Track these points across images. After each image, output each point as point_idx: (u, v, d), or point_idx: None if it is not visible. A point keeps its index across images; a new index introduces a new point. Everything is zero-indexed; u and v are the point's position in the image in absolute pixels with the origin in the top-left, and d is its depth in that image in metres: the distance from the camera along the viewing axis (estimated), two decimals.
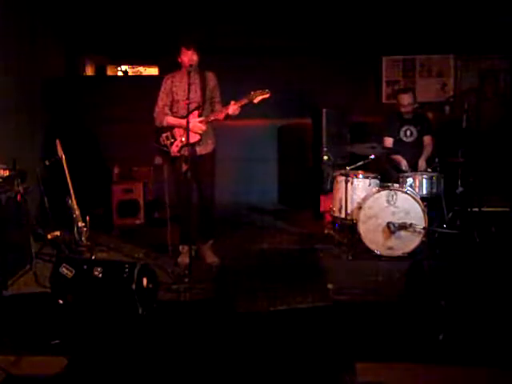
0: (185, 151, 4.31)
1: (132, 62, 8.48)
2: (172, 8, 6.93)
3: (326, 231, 5.47)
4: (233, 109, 4.37)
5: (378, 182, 5.09)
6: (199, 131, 4.45)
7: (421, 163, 5.39)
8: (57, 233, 4.82)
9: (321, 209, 6.16)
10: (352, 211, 5.01)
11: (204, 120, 4.47)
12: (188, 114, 4.24)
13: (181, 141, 4.48)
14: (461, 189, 5.41)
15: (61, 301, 3.59)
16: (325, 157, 6.23)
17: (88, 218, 4.90)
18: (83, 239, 4.83)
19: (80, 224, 4.82)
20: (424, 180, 5.07)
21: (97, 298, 3.57)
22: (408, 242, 4.82)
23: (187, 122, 4.18)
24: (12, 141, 5.53)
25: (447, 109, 6.97)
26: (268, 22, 6.94)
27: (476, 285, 3.98)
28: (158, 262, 4.67)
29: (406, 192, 4.87)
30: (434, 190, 5.08)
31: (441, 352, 3.02)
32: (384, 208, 4.86)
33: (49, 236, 4.81)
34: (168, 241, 4.87)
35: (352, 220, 4.98)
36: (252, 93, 4.36)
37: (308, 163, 6.91)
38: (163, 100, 4.62)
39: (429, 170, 5.24)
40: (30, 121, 6.15)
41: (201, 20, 6.86)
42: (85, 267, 3.61)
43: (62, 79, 7.18)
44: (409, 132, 5.55)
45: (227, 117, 4.51)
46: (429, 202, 5.06)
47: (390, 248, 4.84)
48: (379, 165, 5.56)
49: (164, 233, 5.00)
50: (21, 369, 2.88)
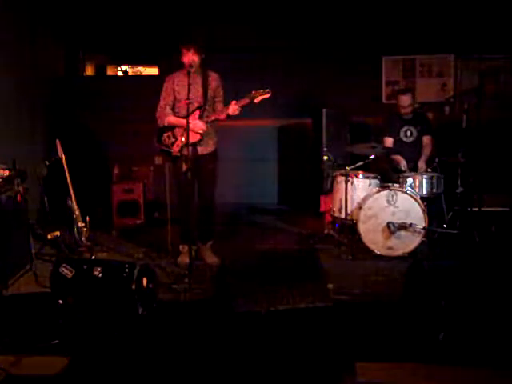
0: (185, 151, 4.30)
1: (132, 62, 8.47)
2: (172, 8, 6.93)
3: (326, 231, 5.47)
4: (233, 109, 4.37)
5: (378, 182, 5.10)
6: (199, 131, 4.44)
7: (420, 165, 5.38)
8: (57, 233, 4.82)
9: (321, 209, 6.16)
10: (352, 211, 5.01)
11: (204, 120, 4.47)
12: (189, 115, 4.23)
13: (181, 140, 4.48)
14: (461, 189, 5.41)
15: (61, 301, 3.59)
16: (325, 157, 6.23)
17: (88, 218, 4.91)
18: (83, 239, 4.83)
19: (80, 224, 4.83)
20: (424, 180, 5.08)
21: (97, 298, 3.56)
22: (408, 242, 4.82)
23: (187, 122, 4.18)
24: (12, 141, 5.53)
25: (447, 109, 6.96)
26: (268, 22, 6.94)
27: (476, 285, 3.98)
28: (158, 262, 4.68)
29: (406, 192, 4.87)
30: (434, 190, 5.09)
31: (441, 352, 3.02)
32: (384, 208, 4.87)
33: (49, 236, 4.81)
34: (168, 241, 4.87)
35: (352, 220, 4.99)
36: (253, 92, 4.35)
37: (308, 163, 6.92)
38: (165, 99, 4.61)
39: (429, 170, 5.25)
40: (30, 121, 6.15)
41: (201, 20, 6.86)
42: (85, 267, 3.61)
43: (62, 79, 7.18)
44: (409, 132, 5.55)
45: (228, 117, 4.51)
46: (429, 202, 5.06)
47: (390, 248, 4.84)
48: (379, 165, 5.57)
49: (164, 233, 5.00)
50: (21, 369, 2.88)
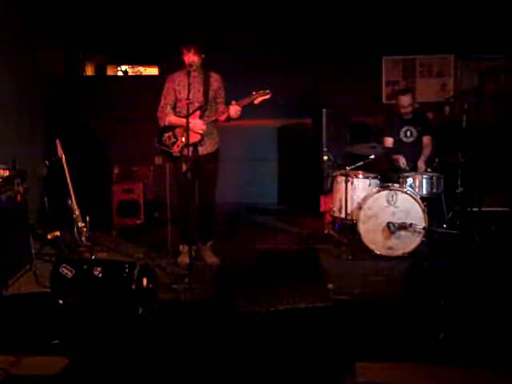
0: (186, 151, 4.29)
1: (132, 62, 8.47)
2: (172, 8, 6.93)
3: (326, 231, 5.47)
4: (235, 109, 4.36)
5: (378, 182, 5.09)
6: (200, 131, 4.44)
7: (420, 165, 5.39)
8: (57, 233, 4.82)
9: (321, 209, 6.16)
10: (352, 211, 5.01)
11: (205, 120, 4.47)
12: (189, 115, 4.22)
13: (182, 141, 4.47)
14: (461, 189, 5.41)
15: (61, 301, 3.59)
16: (325, 157, 6.23)
17: (88, 218, 4.91)
18: (83, 239, 4.83)
19: (80, 224, 4.83)
20: (424, 180, 5.08)
21: (97, 298, 3.56)
22: (408, 242, 4.82)
23: (187, 122, 4.18)
24: (12, 141, 5.53)
25: (447, 109, 6.96)
26: (268, 22, 6.94)
27: (476, 285, 3.98)
28: (158, 262, 4.67)
29: (406, 192, 4.87)
30: (434, 190, 5.09)
31: (441, 352, 3.02)
32: (384, 208, 4.87)
33: (49, 236, 4.81)
34: (168, 241, 4.87)
35: (352, 220, 4.99)
36: (253, 93, 4.35)
37: (308, 163, 6.92)
38: (166, 99, 4.60)
39: (429, 170, 5.25)
40: (30, 121, 6.15)
41: (201, 20, 6.85)
42: (85, 267, 3.61)
43: (62, 79, 7.18)
44: (409, 132, 5.55)
45: (229, 119, 4.51)
46: (429, 202, 5.06)
47: (390, 248, 4.84)
48: (379, 165, 5.57)
49: (164, 233, 5.00)
50: (21, 369, 2.88)
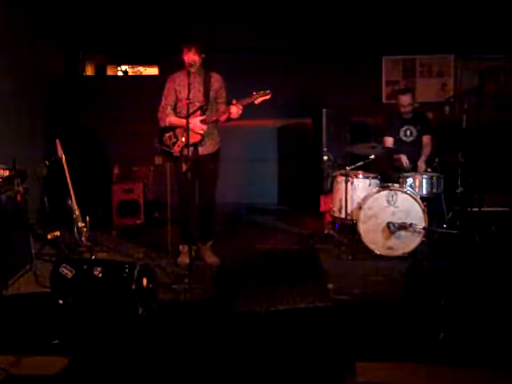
0: (186, 151, 4.29)
1: (132, 62, 8.47)
2: (172, 8, 6.93)
3: (326, 231, 5.46)
4: (237, 108, 4.35)
5: (378, 182, 5.09)
6: (200, 131, 4.43)
7: (420, 165, 5.39)
8: (57, 233, 4.82)
9: (321, 209, 6.16)
10: (352, 211, 5.01)
11: (205, 120, 4.46)
12: (190, 115, 4.21)
13: (182, 141, 4.47)
14: (461, 189, 5.41)
15: (61, 301, 3.59)
16: (325, 157, 6.23)
17: (88, 218, 4.91)
18: (83, 239, 4.83)
19: (80, 224, 4.83)
20: (424, 180, 5.08)
21: (97, 298, 3.56)
22: (408, 242, 4.82)
23: (187, 122, 4.18)
24: (12, 141, 5.53)
25: (447, 109, 6.96)
26: (268, 22, 6.94)
27: (476, 285, 3.98)
28: (158, 262, 4.67)
29: (406, 192, 4.87)
30: (434, 190, 5.09)
31: (441, 352, 3.02)
32: (384, 208, 4.87)
33: (49, 236, 4.81)
34: (168, 241, 4.87)
35: (352, 220, 4.99)
36: (254, 93, 4.34)
37: (308, 163, 6.92)
38: (166, 99, 4.60)
39: (429, 170, 5.25)
40: (30, 121, 6.15)
41: (201, 20, 6.85)
42: (85, 267, 3.61)
43: (62, 79, 7.18)
44: (409, 132, 5.55)
45: (229, 119, 4.50)
46: (429, 202, 5.06)
47: (390, 248, 4.84)
48: (379, 165, 5.57)
49: (164, 233, 5.00)
50: (21, 369, 2.88)
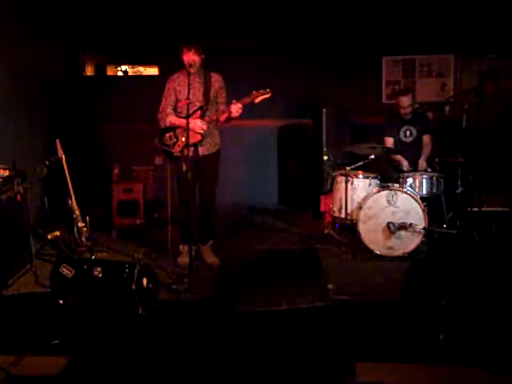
0: (186, 151, 4.29)
1: (132, 62, 8.47)
2: (172, 8, 6.93)
3: (326, 231, 5.46)
4: (236, 107, 4.35)
5: (378, 182, 5.10)
6: (200, 131, 4.43)
7: (421, 163, 5.39)
8: (57, 233, 4.82)
9: (321, 209, 6.16)
10: (352, 211, 5.01)
11: (205, 120, 4.46)
12: (190, 115, 4.21)
13: (182, 140, 4.46)
14: (461, 189, 5.41)
15: (61, 301, 3.59)
16: (325, 157, 6.24)
17: (88, 218, 4.91)
18: (83, 239, 4.84)
19: (80, 224, 4.83)
20: (424, 180, 5.08)
21: (97, 298, 3.57)
22: (408, 242, 4.82)
23: (187, 122, 4.18)
24: (12, 141, 5.52)
25: (447, 109, 6.96)
26: (268, 22, 6.94)
27: (476, 285, 3.98)
28: (158, 262, 4.68)
29: (406, 192, 4.87)
30: (434, 190, 5.09)
31: (441, 352, 3.02)
32: (384, 208, 4.87)
33: (49, 236, 4.82)
34: (168, 241, 4.87)
35: (352, 220, 4.99)
36: (254, 92, 4.34)
37: (308, 163, 6.92)
38: (166, 100, 4.59)
39: (429, 170, 5.25)
40: (30, 121, 6.14)
41: (201, 20, 6.85)
42: (85, 267, 3.61)
43: (62, 79, 7.18)
44: (408, 132, 5.56)
45: (230, 119, 4.50)
46: (429, 202, 5.07)
47: (390, 248, 4.84)
48: (379, 165, 5.57)
49: (164, 233, 4.99)
50: (21, 369, 2.88)
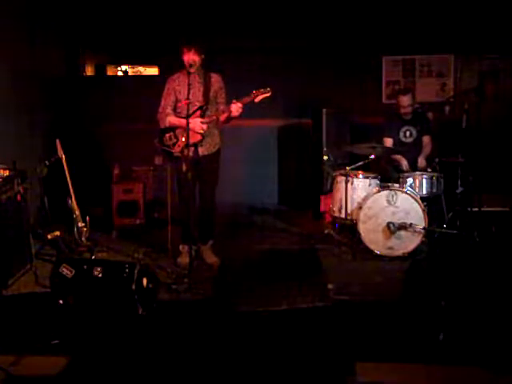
0: (186, 151, 4.29)
1: (132, 62, 8.47)
2: (172, 8, 6.93)
3: (326, 231, 5.46)
4: (236, 107, 4.35)
5: (378, 182, 5.10)
6: (200, 131, 4.42)
7: (420, 161, 5.40)
8: (57, 233, 4.82)
9: (321, 209, 6.16)
10: (352, 211, 5.01)
11: (205, 120, 4.46)
12: (190, 115, 4.21)
13: (182, 141, 4.46)
14: (461, 189, 5.41)
15: (61, 301, 3.59)
16: (325, 157, 6.24)
17: (88, 218, 4.91)
18: (83, 239, 4.83)
19: (80, 224, 4.83)
20: (424, 180, 5.08)
21: (97, 298, 3.57)
22: (408, 242, 4.82)
23: (187, 122, 4.18)
24: (12, 141, 5.52)
25: (447, 109, 6.95)
26: (268, 22, 6.94)
27: (476, 285, 3.98)
28: (158, 262, 4.68)
29: (406, 192, 4.87)
30: (434, 190, 5.09)
31: (441, 352, 3.02)
32: (384, 208, 4.87)
33: (49, 236, 4.82)
34: (168, 241, 4.87)
35: (352, 220, 4.99)
36: (254, 92, 4.34)
37: (308, 163, 6.92)
38: (166, 100, 4.59)
39: (429, 170, 5.26)
40: (30, 121, 6.14)
41: (201, 20, 6.85)
42: (85, 267, 3.61)
43: (62, 79, 7.18)
44: (408, 132, 5.56)
45: (230, 119, 4.50)
46: (429, 202, 5.07)
47: (390, 248, 4.84)
48: (379, 165, 5.57)
49: (164, 233, 4.99)
50: (21, 369, 2.88)
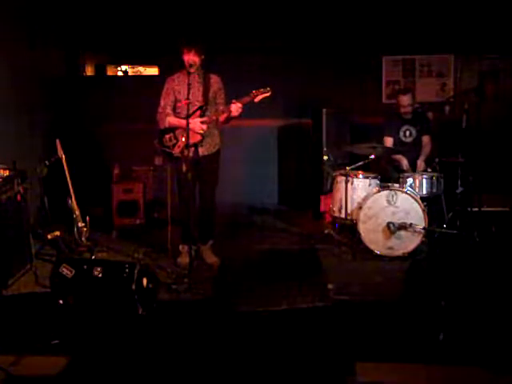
0: (186, 152, 4.28)
1: (132, 62, 8.47)
2: (172, 8, 6.93)
3: (326, 231, 5.46)
4: (236, 107, 4.34)
5: (378, 182, 5.10)
6: (200, 131, 4.42)
7: (419, 163, 5.40)
8: (57, 233, 4.82)
9: (321, 209, 6.16)
10: (352, 211, 5.01)
11: (205, 120, 4.46)
12: (190, 116, 4.21)
13: (182, 141, 4.46)
14: (461, 189, 5.41)
15: (61, 301, 3.59)
16: (325, 157, 6.24)
17: (88, 218, 4.91)
18: (83, 239, 4.83)
19: (80, 224, 4.83)
20: (424, 180, 5.08)
21: (97, 298, 3.57)
22: (408, 242, 4.82)
23: (187, 123, 4.17)
24: (12, 141, 5.52)
25: (447, 109, 6.95)
26: (268, 22, 6.94)
27: (476, 285, 3.99)
28: (158, 262, 4.68)
29: (406, 192, 4.87)
30: (434, 190, 5.09)
31: (441, 352, 3.02)
32: (384, 208, 4.87)
33: (49, 236, 4.82)
34: (168, 241, 4.87)
35: (352, 220, 4.99)
36: (254, 92, 4.34)
37: (308, 163, 6.92)
38: (165, 100, 4.58)
39: (428, 170, 5.26)
40: (30, 121, 6.14)
41: (201, 20, 6.85)
42: (85, 267, 3.61)
43: (62, 79, 7.18)
44: (408, 132, 5.56)
45: (230, 119, 4.50)
46: (429, 202, 5.07)
47: (390, 248, 4.84)
48: (379, 165, 5.57)
49: (164, 233, 4.99)
50: (21, 369, 2.88)
